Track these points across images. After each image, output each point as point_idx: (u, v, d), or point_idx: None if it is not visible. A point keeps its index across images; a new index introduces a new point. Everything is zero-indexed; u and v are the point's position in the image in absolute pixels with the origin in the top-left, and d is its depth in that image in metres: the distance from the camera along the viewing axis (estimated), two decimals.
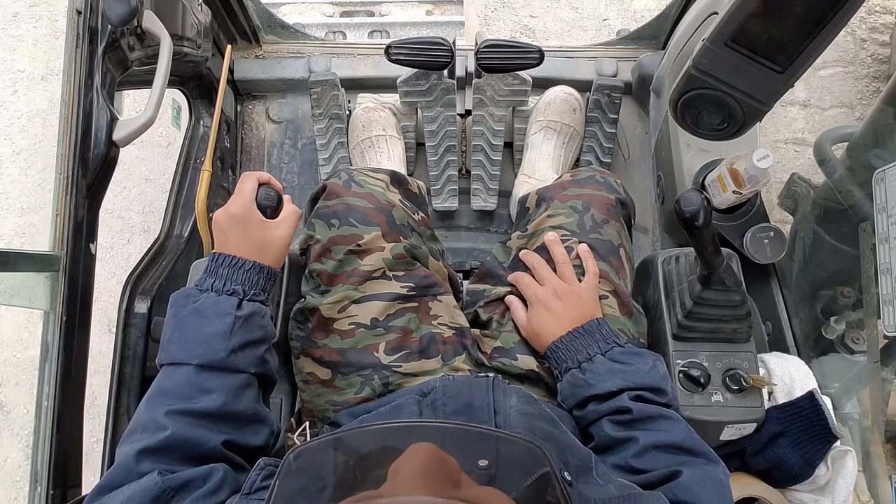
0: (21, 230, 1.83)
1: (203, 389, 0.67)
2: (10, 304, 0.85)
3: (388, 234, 0.88)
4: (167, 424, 0.64)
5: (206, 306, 0.70)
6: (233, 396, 0.69)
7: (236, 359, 0.70)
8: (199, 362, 0.68)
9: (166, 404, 0.66)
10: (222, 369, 0.69)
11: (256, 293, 0.74)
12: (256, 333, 0.72)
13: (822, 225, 1.24)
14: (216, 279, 0.73)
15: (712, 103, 0.90)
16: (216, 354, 0.68)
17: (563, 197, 0.96)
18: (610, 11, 2.05)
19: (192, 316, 0.70)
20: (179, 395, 0.67)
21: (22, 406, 1.69)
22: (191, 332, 0.69)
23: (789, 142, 1.85)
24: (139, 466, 0.61)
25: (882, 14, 1.94)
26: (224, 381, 0.69)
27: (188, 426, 0.65)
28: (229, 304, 0.71)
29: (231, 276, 0.73)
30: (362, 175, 0.94)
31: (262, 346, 0.73)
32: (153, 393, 0.68)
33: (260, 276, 0.74)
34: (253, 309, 0.72)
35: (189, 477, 0.60)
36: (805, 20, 0.77)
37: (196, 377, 0.68)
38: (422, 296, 0.90)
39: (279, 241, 0.77)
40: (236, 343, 0.69)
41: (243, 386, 0.70)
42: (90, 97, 0.90)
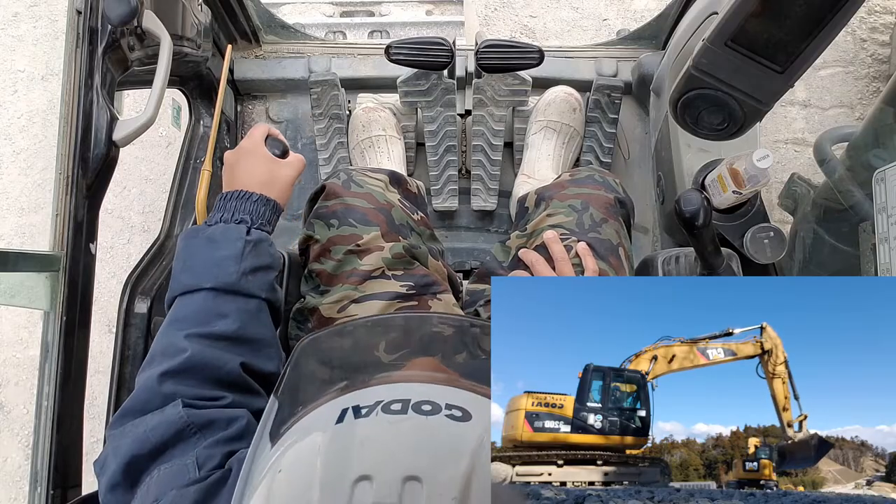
0: (21, 230, 1.83)
1: (218, 314, 0.69)
2: (10, 304, 0.85)
3: (387, 234, 0.88)
4: (186, 346, 0.65)
5: (217, 234, 0.73)
6: (247, 320, 0.70)
7: (248, 282, 0.71)
8: (213, 285, 0.69)
9: (184, 329, 0.67)
10: (235, 293, 0.70)
11: (263, 223, 0.76)
12: (266, 259, 0.74)
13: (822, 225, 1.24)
14: (224, 212, 0.75)
15: (712, 103, 0.90)
16: (229, 277, 0.70)
17: (563, 196, 0.96)
18: (610, 11, 2.04)
19: (204, 244, 0.72)
20: (196, 319, 0.68)
21: (22, 406, 1.69)
22: (203, 258, 0.71)
23: (789, 142, 1.85)
24: (162, 388, 0.62)
25: (882, 14, 1.94)
26: (238, 305, 0.70)
27: (207, 348, 0.66)
28: (238, 231, 0.73)
29: (239, 207, 0.75)
30: (361, 175, 0.94)
31: (271, 271, 0.75)
32: (170, 320, 0.69)
33: (266, 207, 0.77)
34: (261, 236, 0.75)
35: (214, 416, 0.60)
36: (805, 20, 0.77)
37: (211, 302, 0.69)
38: (421, 295, 0.90)
39: (284, 178, 0.80)
40: (247, 266, 0.71)
41: (256, 310, 0.72)
42: (90, 97, 0.90)
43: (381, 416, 0.41)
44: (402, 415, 0.41)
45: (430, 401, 0.42)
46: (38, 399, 0.85)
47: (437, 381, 0.46)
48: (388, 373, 0.47)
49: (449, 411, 0.42)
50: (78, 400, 0.90)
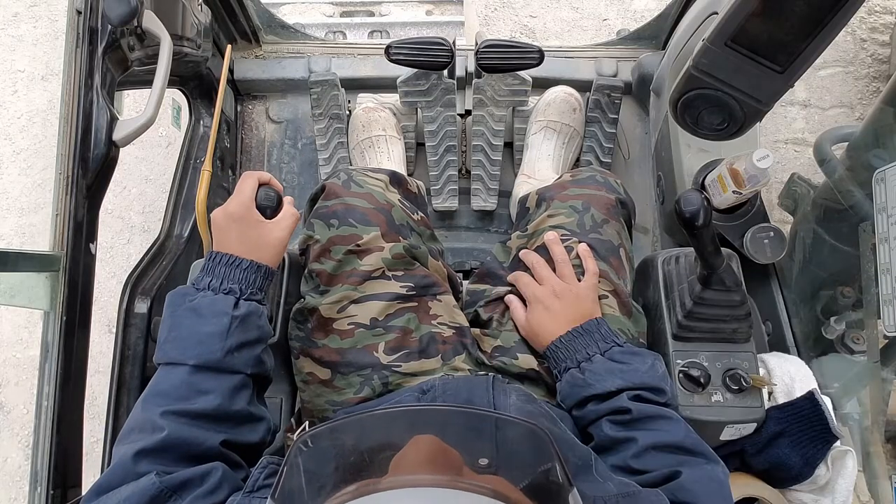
0: (21, 230, 1.83)
1: (199, 390, 0.67)
2: (10, 304, 0.85)
3: (387, 234, 0.88)
4: (163, 425, 0.63)
5: (203, 305, 0.70)
6: (229, 397, 0.68)
7: (232, 359, 0.69)
8: (196, 362, 0.67)
9: (162, 405, 0.65)
10: (219, 370, 0.68)
11: (253, 292, 0.73)
12: (253, 334, 0.72)
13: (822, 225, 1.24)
14: (213, 278, 0.72)
15: (712, 103, 0.90)
16: (213, 355, 0.68)
17: (564, 197, 0.96)
18: (610, 11, 2.04)
19: (189, 315, 0.70)
20: (176, 395, 0.66)
21: (22, 406, 1.69)
22: (187, 331, 0.69)
23: (789, 142, 1.85)
24: (136, 467, 0.61)
25: (882, 14, 1.94)
26: (220, 382, 0.68)
27: (185, 426, 0.64)
28: (226, 303, 0.71)
29: (228, 274, 0.72)
30: (361, 175, 0.94)
31: (258, 346, 0.73)
32: (149, 393, 0.68)
33: (257, 275, 0.74)
34: (250, 308, 0.72)
35: (187, 476, 0.60)
36: (805, 20, 0.77)
37: (192, 377, 0.67)
38: (421, 295, 0.90)
39: (276, 242, 0.77)
40: (233, 343, 0.69)
41: (239, 386, 0.70)
42: (90, 97, 0.90)
43: None
44: None
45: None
46: (38, 399, 0.85)
47: (438, 483, 0.43)
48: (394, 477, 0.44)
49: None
50: (78, 400, 0.90)
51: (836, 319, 1.18)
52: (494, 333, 0.92)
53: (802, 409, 0.92)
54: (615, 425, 0.75)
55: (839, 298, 1.20)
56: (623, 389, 0.76)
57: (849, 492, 0.93)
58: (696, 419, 0.86)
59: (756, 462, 0.95)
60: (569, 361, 0.81)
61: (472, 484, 0.43)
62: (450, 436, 0.47)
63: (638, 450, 0.70)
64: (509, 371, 0.87)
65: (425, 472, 0.43)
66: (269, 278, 0.76)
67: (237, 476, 0.64)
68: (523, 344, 0.89)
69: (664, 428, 0.72)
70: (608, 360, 0.79)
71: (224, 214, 0.75)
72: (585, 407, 0.78)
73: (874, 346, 1.06)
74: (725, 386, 0.88)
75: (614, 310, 0.88)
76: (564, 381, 0.81)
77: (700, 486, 0.64)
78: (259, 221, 0.76)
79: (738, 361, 0.89)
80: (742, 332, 0.89)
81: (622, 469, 0.71)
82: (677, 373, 0.89)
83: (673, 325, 0.91)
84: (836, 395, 1.03)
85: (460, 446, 0.47)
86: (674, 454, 0.70)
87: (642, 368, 0.78)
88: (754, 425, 0.89)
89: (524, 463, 0.49)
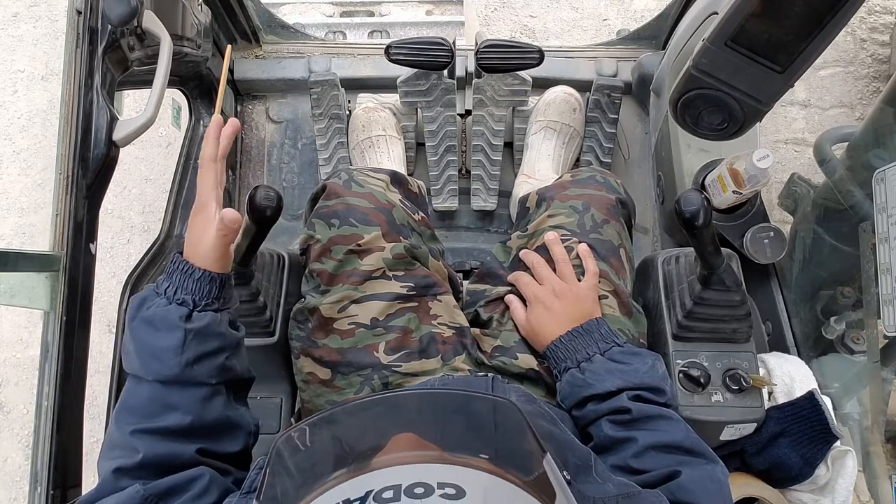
0: (21, 230, 1.83)
1: (167, 405, 0.65)
2: (10, 304, 0.85)
3: (388, 234, 0.88)
4: (138, 446, 0.62)
5: (157, 317, 0.66)
6: (199, 410, 0.66)
7: (192, 371, 0.66)
8: (155, 378, 0.65)
9: (132, 423, 0.63)
10: (182, 383, 0.66)
11: (209, 302, 0.68)
12: (212, 344, 0.67)
13: (822, 225, 1.24)
14: (169, 284, 0.67)
15: (712, 103, 0.90)
16: (170, 370, 0.65)
17: (564, 197, 0.96)
18: (610, 11, 2.04)
19: (143, 326, 0.66)
20: (143, 412, 0.64)
21: (22, 406, 1.69)
22: (142, 344, 0.66)
23: (789, 142, 1.85)
24: (119, 483, 0.61)
25: (882, 14, 1.94)
26: (187, 396, 0.65)
27: (159, 444, 0.63)
28: (178, 314, 0.66)
29: (182, 283, 0.67)
30: (362, 175, 0.94)
31: (220, 355, 0.68)
32: (120, 407, 0.66)
33: (212, 285, 0.68)
34: (206, 320, 0.67)
35: (171, 483, 0.59)
36: (805, 20, 0.77)
37: (159, 393, 0.65)
38: (421, 296, 0.90)
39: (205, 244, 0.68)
40: (190, 357, 0.65)
41: (208, 397, 0.67)
42: (90, 97, 0.90)
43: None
44: (395, 502, 0.40)
45: (422, 482, 0.41)
46: (38, 399, 0.85)
47: (424, 459, 0.44)
48: (373, 459, 0.45)
49: (442, 490, 0.40)
50: (78, 400, 0.90)
51: (836, 319, 1.18)
52: (494, 333, 0.92)
53: (803, 410, 0.92)
54: (615, 425, 0.75)
55: (839, 298, 1.20)
56: (623, 389, 0.76)
57: (849, 492, 0.93)
58: (696, 419, 0.86)
59: (756, 462, 0.95)
60: (569, 361, 0.81)
61: (462, 458, 0.44)
62: (426, 420, 0.49)
63: (638, 450, 0.70)
64: (509, 371, 0.87)
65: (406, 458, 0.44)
66: (225, 285, 0.70)
67: (226, 481, 0.64)
68: (523, 344, 0.89)
69: (664, 428, 0.72)
70: (608, 360, 0.79)
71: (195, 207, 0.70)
72: (585, 407, 0.78)
73: (874, 346, 1.06)
74: (725, 386, 0.88)
75: (614, 310, 0.88)
76: (564, 380, 0.81)
77: (699, 486, 0.64)
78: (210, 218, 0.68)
79: (738, 361, 0.89)
80: (742, 332, 0.89)
81: (622, 469, 0.71)
82: (677, 373, 0.89)
83: (673, 325, 0.91)
84: (836, 395, 1.03)
85: (438, 430, 0.48)
86: (673, 454, 0.70)
87: (642, 368, 0.78)
88: (754, 425, 0.89)
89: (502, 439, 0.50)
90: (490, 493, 0.42)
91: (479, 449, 0.46)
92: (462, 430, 0.50)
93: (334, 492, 0.42)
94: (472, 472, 0.43)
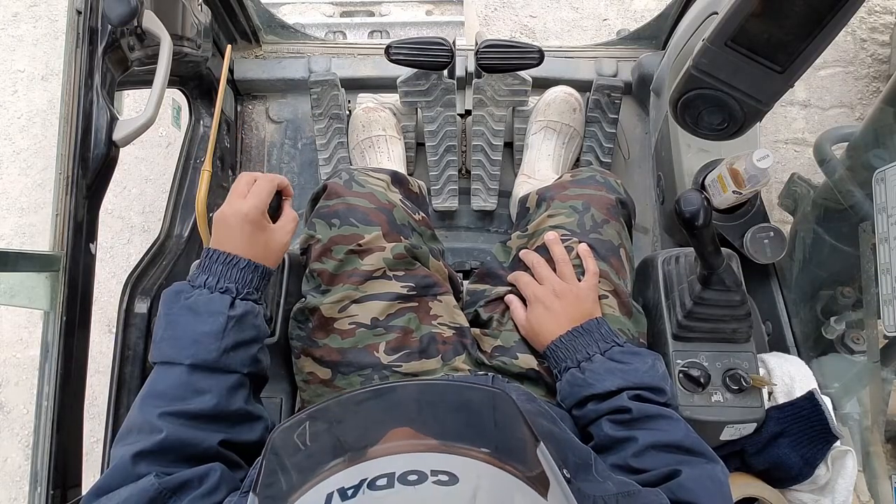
0: (21, 230, 1.83)
1: (196, 390, 0.66)
2: (10, 304, 0.85)
3: (388, 234, 0.88)
4: (161, 427, 0.63)
5: (199, 304, 0.69)
6: (226, 397, 0.68)
7: (228, 359, 0.69)
8: (192, 362, 0.67)
9: (159, 406, 0.65)
10: (214, 369, 0.68)
11: (250, 292, 0.73)
12: (249, 333, 0.71)
13: (822, 225, 1.24)
14: (210, 276, 0.71)
15: (712, 103, 0.90)
16: (209, 354, 0.67)
17: (564, 197, 0.96)
18: (610, 11, 2.04)
19: (185, 313, 0.69)
20: (172, 396, 0.66)
21: (22, 406, 1.69)
22: (183, 330, 0.68)
23: (789, 142, 1.85)
24: (136, 468, 0.61)
25: (882, 14, 1.94)
26: (217, 382, 0.68)
27: (183, 427, 0.64)
28: (222, 302, 0.70)
29: (225, 273, 0.71)
30: (363, 175, 0.94)
31: (254, 345, 0.72)
32: (146, 393, 0.67)
33: (255, 274, 0.73)
34: (246, 308, 0.71)
35: (186, 478, 0.59)
36: (805, 20, 0.77)
37: (189, 377, 0.67)
38: (422, 296, 0.90)
39: (280, 246, 0.77)
40: (229, 343, 0.68)
41: (236, 386, 0.70)
42: (90, 97, 0.90)
43: (368, 494, 0.40)
44: (388, 489, 0.40)
45: (415, 470, 0.41)
46: (38, 399, 0.85)
47: (419, 448, 0.45)
48: (368, 450, 0.46)
49: (435, 477, 0.41)
50: (78, 400, 0.90)
51: (836, 319, 1.18)
52: (494, 333, 0.92)
53: (802, 409, 0.92)
54: (615, 425, 0.75)
55: (839, 298, 1.20)
56: (623, 389, 0.76)
57: (849, 492, 0.93)
58: (696, 419, 0.86)
59: (756, 462, 0.95)
60: (569, 361, 0.81)
61: (457, 447, 0.45)
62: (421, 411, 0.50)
63: (638, 449, 0.70)
64: (509, 371, 0.87)
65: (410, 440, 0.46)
66: (266, 279, 0.76)
67: (236, 476, 0.64)
68: (523, 344, 0.89)
69: (664, 427, 0.72)
70: (608, 360, 0.79)
71: (237, 214, 0.73)
72: (585, 406, 0.78)
73: (874, 346, 1.06)
74: (725, 386, 0.88)
75: (614, 310, 0.88)
76: (564, 380, 0.81)
77: (699, 485, 0.64)
78: (266, 225, 0.76)
79: (738, 361, 0.89)
80: (742, 332, 0.89)
81: (622, 468, 0.71)
82: (677, 373, 0.89)
83: (673, 325, 0.91)
84: (836, 395, 1.03)
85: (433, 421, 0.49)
86: (674, 454, 0.70)
87: (642, 368, 0.78)
88: (754, 425, 0.89)
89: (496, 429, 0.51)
90: (483, 479, 0.42)
91: (474, 438, 0.47)
92: (457, 421, 0.51)
93: (330, 481, 0.43)
94: (466, 461, 0.43)
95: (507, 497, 0.42)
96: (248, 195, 0.75)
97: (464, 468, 0.42)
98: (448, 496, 0.40)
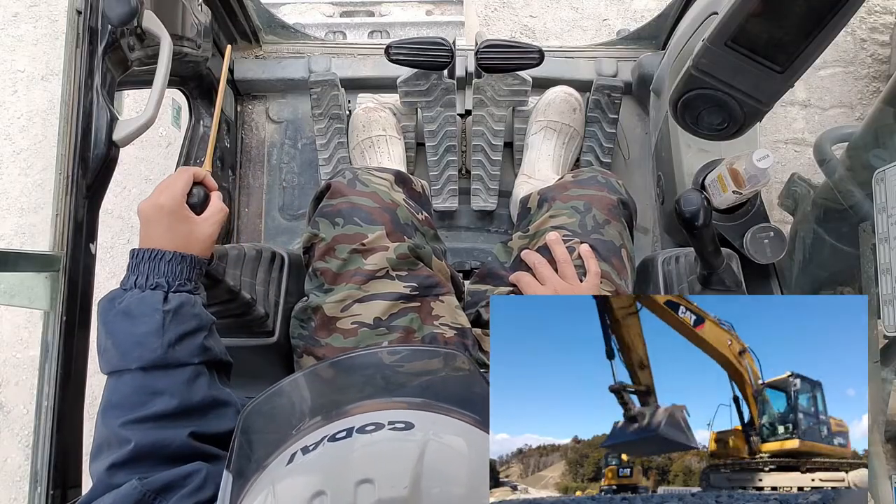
0: (21, 230, 1.83)
1: (153, 392, 0.65)
2: (10, 304, 0.85)
3: (391, 234, 0.88)
4: (129, 437, 0.62)
5: (132, 306, 0.68)
6: (185, 391, 0.67)
7: (175, 353, 0.67)
8: (140, 365, 0.66)
9: (120, 416, 0.64)
10: (165, 367, 0.67)
11: (182, 283, 0.71)
12: (191, 324, 0.70)
13: (822, 225, 1.24)
14: (138, 275, 0.70)
15: (712, 103, 0.90)
16: (154, 353, 0.66)
17: (565, 197, 0.96)
18: (610, 11, 2.05)
19: (121, 318, 0.68)
20: (131, 403, 0.65)
21: (22, 406, 1.69)
22: (123, 336, 0.67)
23: (789, 142, 1.85)
24: (113, 480, 0.60)
25: (882, 14, 1.95)
26: (171, 379, 0.66)
27: (150, 431, 0.63)
28: (154, 299, 0.68)
29: (153, 269, 0.70)
30: (367, 174, 0.93)
31: (199, 334, 0.71)
32: (105, 406, 0.66)
33: (183, 265, 0.72)
34: (181, 300, 0.70)
35: (169, 478, 0.59)
36: (805, 20, 0.77)
37: (142, 381, 0.66)
38: (424, 296, 0.90)
39: (205, 237, 0.75)
40: (171, 338, 0.67)
41: (193, 377, 0.68)
42: (90, 97, 0.90)
43: (328, 445, 0.43)
44: (347, 439, 0.43)
45: (373, 422, 0.44)
46: (38, 399, 0.85)
47: (380, 407, 0.48)
48: (331, 413, 0.49)
49: (392, 426, 0.44)
50: (78, 400, 0.89)
51: None
52: None
53: None
54: None
55: None
56: None
57: None
58: None
59: None
60: None
61: (416, 402, 0.48)
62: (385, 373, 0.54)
63: None
64: None
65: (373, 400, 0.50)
66: (198, 268, 0.74)
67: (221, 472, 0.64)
68: None
69: None
70: None
71: (153, 206, 0.72)
72: None
73: (874, 346, 1.06)
74: None
75: None
76: None
77: None
78: (188, 216, 0.74)
79: None
80: None
81: None
82: None
83: None
84: None
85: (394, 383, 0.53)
86: None
87: None
88: None
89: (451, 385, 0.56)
90: (437, 425, 0.46)
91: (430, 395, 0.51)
92: (414, 381, 0.55)
93: (293, 444, 0.46)
94: (423, 414, 0.47)
95: (459, 439, 0.46)
96: (163, 188, 0.75)
97: (421, 419, 0.46)
98: (402, 436, 0.44)
